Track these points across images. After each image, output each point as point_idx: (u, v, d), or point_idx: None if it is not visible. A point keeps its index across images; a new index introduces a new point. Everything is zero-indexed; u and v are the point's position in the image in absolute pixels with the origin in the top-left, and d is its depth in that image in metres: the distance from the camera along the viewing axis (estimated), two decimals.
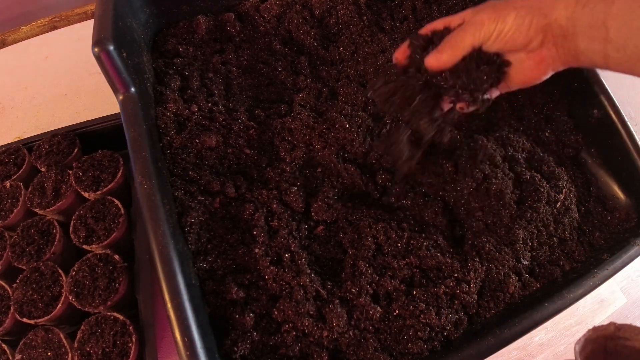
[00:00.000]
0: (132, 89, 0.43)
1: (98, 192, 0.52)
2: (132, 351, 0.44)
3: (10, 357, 0.46)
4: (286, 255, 0.43)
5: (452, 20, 0.40)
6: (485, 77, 0.39)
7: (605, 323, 0.30)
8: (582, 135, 0.54)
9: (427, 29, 0.42)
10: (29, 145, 0.58)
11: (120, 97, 0.42)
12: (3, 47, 0.81)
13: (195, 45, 0.54)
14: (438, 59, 0.39)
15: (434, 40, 0.41)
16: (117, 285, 0.47)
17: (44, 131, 0.60)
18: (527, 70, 0.40)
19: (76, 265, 0.48)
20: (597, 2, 0.33)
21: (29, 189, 0.54)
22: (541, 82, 0.41)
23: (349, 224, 0.46)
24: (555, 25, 0.36)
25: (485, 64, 0.39)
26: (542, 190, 0.48)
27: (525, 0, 0.37)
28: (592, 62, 0.36)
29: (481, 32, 0.38)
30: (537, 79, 0.41)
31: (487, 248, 0.45)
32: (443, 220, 0.48)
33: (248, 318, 0.40)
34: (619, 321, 0.31)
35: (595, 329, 0.28)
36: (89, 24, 0.81)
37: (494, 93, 0.42)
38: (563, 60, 0.38)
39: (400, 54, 0.43)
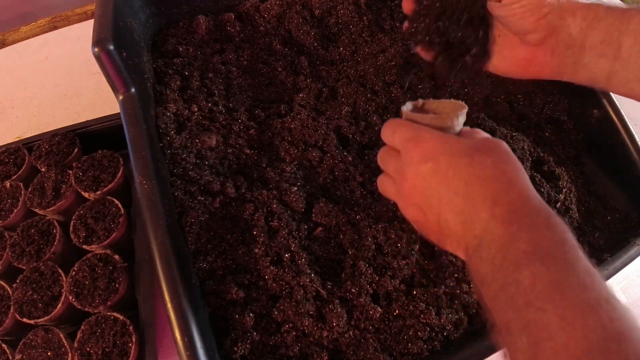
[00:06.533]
0: (132, 89, 0.43)
1: (98, 192, 0.52)
2: (132, 351, 0.44)
3: (10, 357, 0.46)
4: (286, 255, 0.43)
5: None
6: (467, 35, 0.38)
7: None
8: (582, 135, 0.54)
9: None
10: (29, 145, 0.58)
11: (120, 97, 0.42)
12: (3, 47, 0.81)
13: (195, 45, 0.54)
14: None
15: None
16: (117, 285, 0.47)
17: (44, 131, 0.60)
18: (510, 60, 0.38)
19: (76, 265, 0.48)
20: (614, 18, 0.32)
21: (29, 189, 0.54)
22: (541, 81, 0.40)
23: (349, 225, 0.46)
24: (564, 32, 0.34)
25: (469, 24, 0.37)
26: (542, 190, 0.48)
27: None
28: (592, 79, 0.35)
29: None
30: (516, 74, 0.39)
31: None
32: None
33: (248, 318, 0.40)
34: None
35: (410, 103, 0.35)
36: (89, 24, 0.81)
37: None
38: (554, 70, 0.37)
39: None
